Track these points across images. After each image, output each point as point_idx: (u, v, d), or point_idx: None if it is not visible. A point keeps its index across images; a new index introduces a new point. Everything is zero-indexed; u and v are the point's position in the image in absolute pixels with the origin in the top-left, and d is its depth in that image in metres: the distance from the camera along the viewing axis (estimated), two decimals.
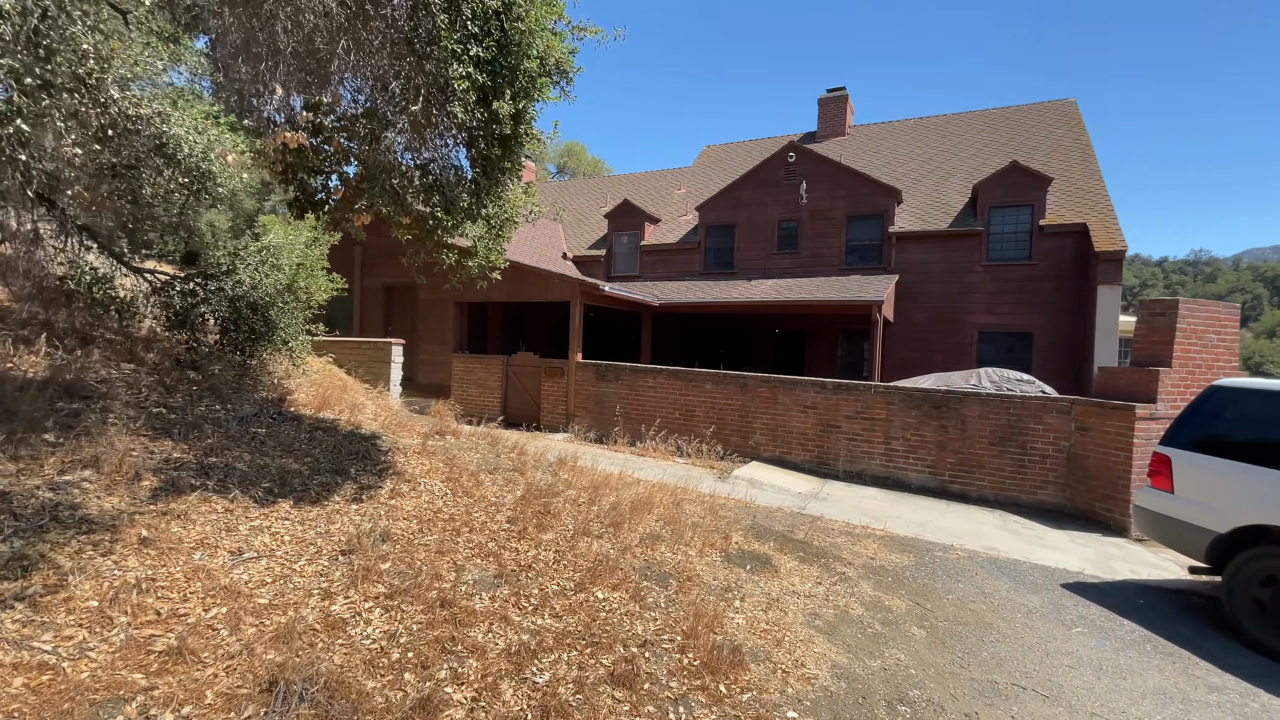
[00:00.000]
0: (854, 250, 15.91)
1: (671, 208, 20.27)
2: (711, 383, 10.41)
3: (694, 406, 10.54)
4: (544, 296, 12.18)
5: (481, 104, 4.27)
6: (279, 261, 7.43)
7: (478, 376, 12.82)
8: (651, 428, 10.71)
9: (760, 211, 16.95)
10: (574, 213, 22.19)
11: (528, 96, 4.62)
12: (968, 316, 15.09)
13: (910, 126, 20.50)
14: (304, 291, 7.82)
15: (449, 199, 4.41)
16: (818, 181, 16.26)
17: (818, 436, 9.60)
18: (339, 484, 5.24)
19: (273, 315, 7.36)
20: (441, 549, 4.44)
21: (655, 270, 18.51)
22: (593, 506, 6.10)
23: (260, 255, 7.31)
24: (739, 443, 10.15)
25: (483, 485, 6.12)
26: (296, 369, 8.34)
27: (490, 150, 4.60)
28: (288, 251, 7.90)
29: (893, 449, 9.17)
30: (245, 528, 4.17)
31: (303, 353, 8.00)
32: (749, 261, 17.08)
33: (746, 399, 10.11)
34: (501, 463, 7.16)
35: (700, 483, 8.29)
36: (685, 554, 5.18)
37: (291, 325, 7.66)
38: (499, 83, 4.28)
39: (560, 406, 11.81)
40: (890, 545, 6.40)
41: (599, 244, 19.73)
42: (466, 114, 4.13)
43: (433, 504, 5.31)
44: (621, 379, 11.24)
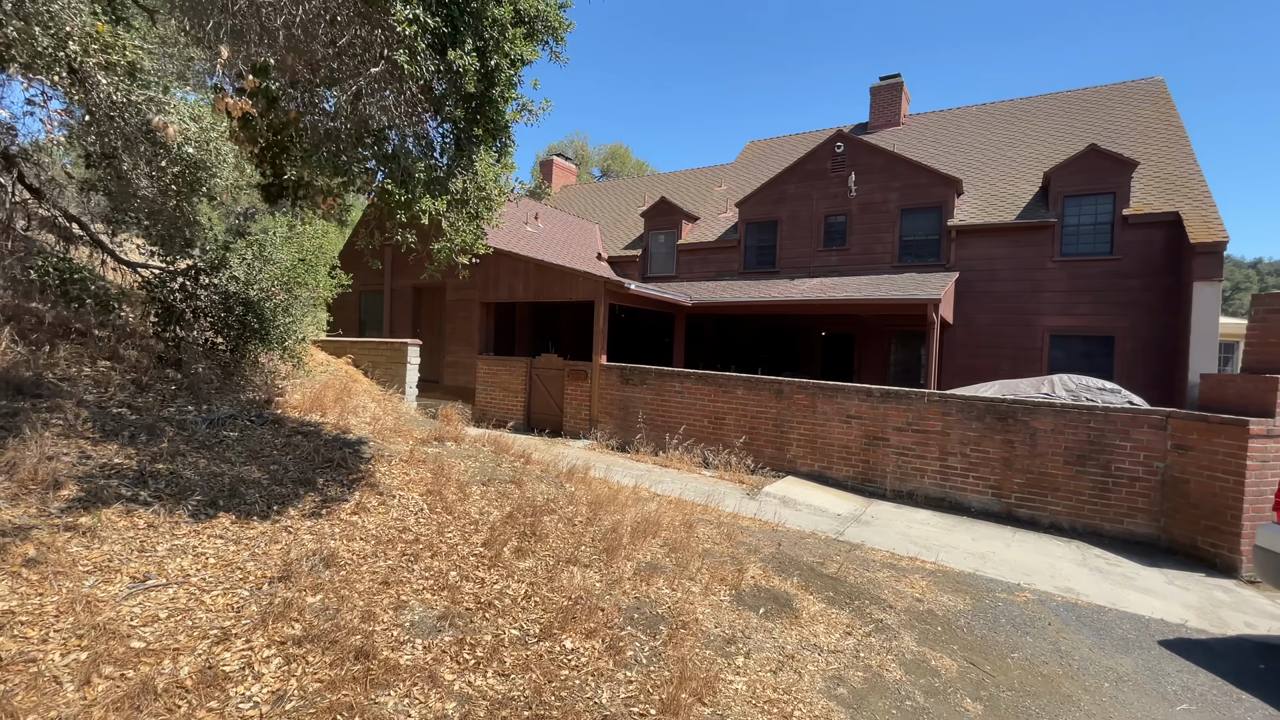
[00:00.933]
0: (908, 246, 14.63)
1: (711, 205, 19.39)
2: (743, 388, 9.51)
3: (724, 414, 9.66)
4: (569, 296, 11.56)
5: (435, 52, 3.59)
6: (273, 256, 7.05)
7: (502, 379, 12.32)
8: (677, 436, 9.89)
9: (805, 206, 15.88)
10: (611, 213, 21.60)
11: (500, 51, 3.93)
12: (1038, 318, 13.58)
13: (972, 114, 18.94)
14: (302, 288, 7.42)
15: (405, 170, 3.77)
16: (868, 172, 15.07)
17: (862, 450, 8.55)
18: (299, 496, 4.68)
19: (267, 312, 6.97)
20: (389, 579, 3.78)
21: (693, 270, 17.66)
22: (590, 527, 5.35)
23: (254, 249, 6.95)
24: (773, 455, 9.21)
25: (469, 499, 5.47)
26: (297, 368, 7.96)
27: (454, 112, 3.94)
28: (288, 246, 7.54)
29: (949, 466, 8.04)
30: (164, 547, 3.62)
31: (302, 352, 7.60)
32: (792, 260, 16.02)
33: (782, 407, 9.16)
34: (500, 473, 6.51)
35: (724, 500, 7.42)
36: (686, 591, 4.35)
37: (289, 323, 7.26)
38: (458, 30, 3.60)
39: (583, 411, 11.14)
40: (942, 583, 5.38)
41: (635, 244, 19.05)
42: (413, 64, 3.47)
43: (401, 521, 4.68)
44: (647, 383, 10.47)
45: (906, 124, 19.28)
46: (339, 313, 15.97)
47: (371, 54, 3.79)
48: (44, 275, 5.18)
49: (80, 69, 5.99)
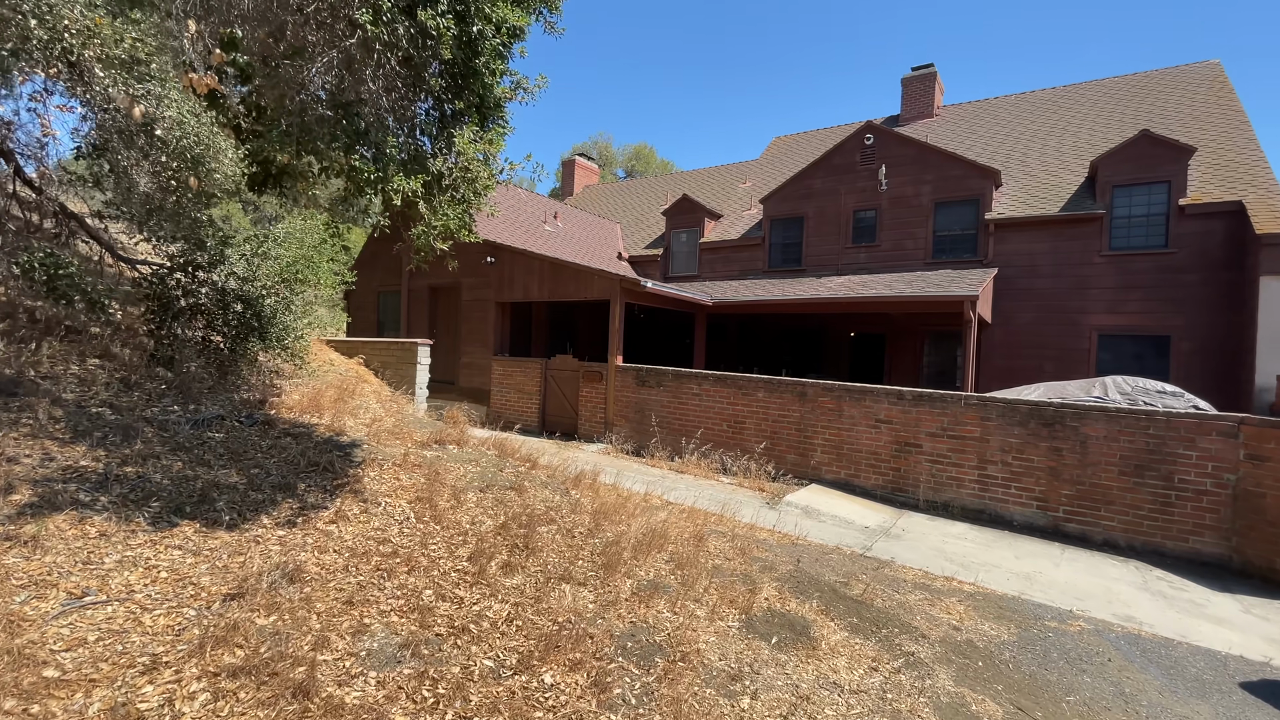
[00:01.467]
0: (943, 241, 13.88)
1: (735, 203, 18.85)
2: (764, 390, 8.99)
3: (743, 418, 9.15)
4: (584, 295, 11.19)
5: (406, 15, 3.22)
6: (271, 252, 6.81)
7: (516, 381, 12.01)
8: (695, 440, 9.42)
9: (833, 201, 15.24)
10: (633, 213, 21.22)
11: (482, 15, 3.55)
12: (1084, 317, 12.71)
13: (1011, 103, 18.03)
14: (303, 285, 7.18)
15: (377, 145, 3.42)
16: (900, 165, 14.37)
17: (892, 457, 7.96)
18: (275, 503, 4.36)
19: (266, 309, 6.75)
20: (355, 598, 3.41)
21: (715, 269, 17.14)
22: (590, 539, 4.93)
23: (252, 245, 6.72)
24: (796, 461, 8.66)
25: (462, 507, 5.10)
26: (300, 368, 7.73)
27: (433, 83, 3.57)
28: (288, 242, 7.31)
29: (988, 475, 7.40)
30: (113, 559, 3.32)
31: (303, 350, 7.36)
32: (819, 257, 15.38)
33: (805, 410, 8.61)
34: (501, 479, 6.14)
35: (741, 509, 6.93)
36: (690, 615, 3.89)
37: (289, 321, 7.03)
38: None
39: (599, 414, 10.74)
40: (983, 607, 4.81)
41: (656, 243, 18.62)
42: (378, 25, 3.10)
43: (382, 532, 4.32)
44: (663, 385, 10.02)
45: (940, 115, 18.47)
46: (357, 314, 15.91)
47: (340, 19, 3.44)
48: (28, 271, 4.99)
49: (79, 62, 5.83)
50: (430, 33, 3.31)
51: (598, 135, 50.37)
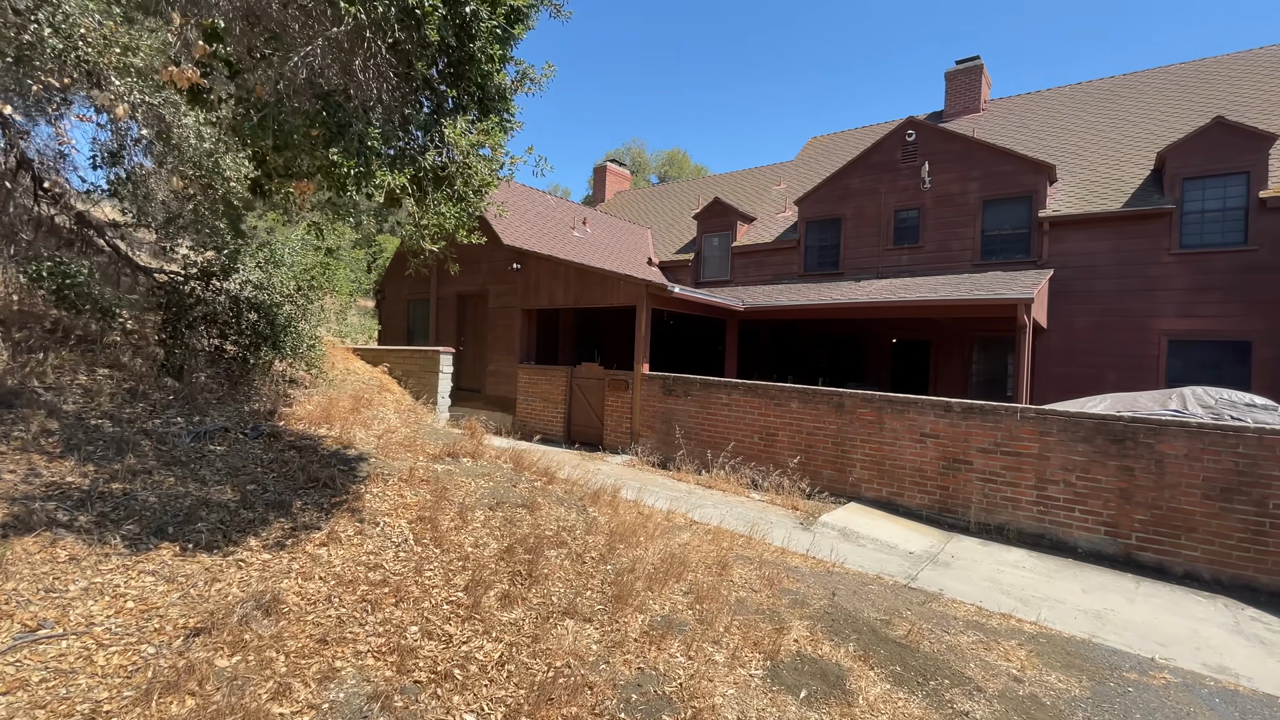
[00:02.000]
0: (992, 242, 13.05)
1: (769, 205, 18.27)
2: (798, 401, 8.45)
3: (776, 430, 8.63)
4: (609, 301, 10.85)
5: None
6: (284, 258, 6.68)
7: (542, 389, 11.74)
8: (725, 453, 8.93)
9: (872, 201, 14.55)
10: (664, 217, 20.84)
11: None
12: (1151, 321, 11.71)
13: (1065, 94, 17.00)
14: (319, 292, 7.03)
15: (359, 138, 3.12)
16: (944, 162, 13.61)
17: (939, 474, 7.32)
18: (266, 522, 4.11)
19: (280, 317, 6.60)
20: (331, 635, 3.09)
21: (748, 274, 16.60)
22: (602, 565, 4.53)
23: (265, 252, 6.60)
24: (833, 478, 8.09)
25: (467, 528, 4.78)
26: (316, 377, 7.59)
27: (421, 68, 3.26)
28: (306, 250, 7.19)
29: (1049, 496, 6.71)
30: (79, 586, 3.08)
31: (318, 359, 7.20)
32: (858, 260, 14.70)
33: (843, 422, 8.04)
34: (513, 495, 5.80)
35: (772, 531, 6.42)
36: (707, 660, 3.45)
37: (304, 329, 6.88)
38: None
39: (624, 425, 10.36)
40: (1048, 653, 4.21)
41: (687, 248, 18.19)
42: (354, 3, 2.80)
43: (375, 556, 4.02)
44: (691, 394, 9.57)
45: (988, 110, 17.55)
46: (389, 322, 15.96)
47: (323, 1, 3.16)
48: (36, 280, 4.90)
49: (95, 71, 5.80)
50: (415, 12, 2.99)
51: (631, 141, 50.40)
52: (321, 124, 3.16)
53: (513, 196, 15.07)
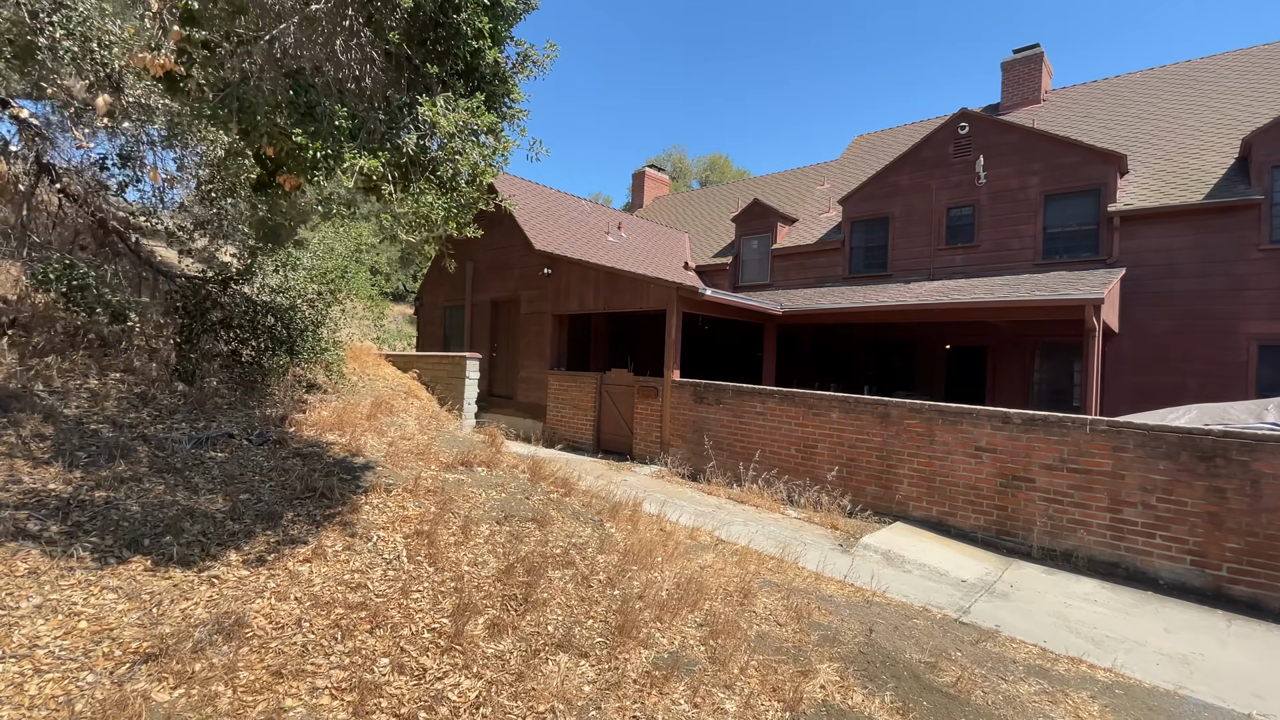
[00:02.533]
0: (1056, 239, 12.05)
1: (811, 205, 17.57)
2: (839, 410, 7.84)
3: (815, 441, 8.03)
4: (639, 305, 10.48)
5: None
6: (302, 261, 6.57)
7: (572, 396, 11.44)
8: (758, 465, 8.39)
9: (922, 199, 13.72)
10: (702, 221, 20.37)
11: None
12: (1239, 324, 10.53)
13: (1136, 81, 15.73)
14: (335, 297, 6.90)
15: (327, 118, 2.84)
16: (1001, 155, 12.70)
17: (997, 493, 6.60)
18: (251, 535, 3.87)
19: (298, 321, 6.50)
20: (288, 667, 2.78)
21: (789, 277, 15.94)
22: (610, 590, 4.13)
23: (283, 254, 6.51)
24: (877, 495, 7.44)
25: (467, 544, 4.45)
26: (336, 382, 7.46)
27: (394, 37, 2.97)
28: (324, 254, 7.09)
29: (1124, 520, 5.93)
30: (33, 602, 2.87)
31: (338, 364, 7.06)
32: (907, 261, 13.87)
33: (889, 434, 7.40)
34: (525, 508, 5.47)
35: (805, 553, 5.88)
36: (716, 708, 2.98)
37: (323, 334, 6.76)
38: None
39: (654, 434, 9.93)
40: (1125, 708, 3.55)
41: (725, 251, 17.65)
42: None
43: (361, 575, 3.72)
44: (723, 402, 9.07)
45: (1049, 101, 16.42)
46: (426, 328, 16.04)
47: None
48: (44, 282, 4.88)
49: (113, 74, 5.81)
50: None
51: (671, 148, 50.08)
52: (289, 104, 2.89)
53: (546, 202, 14.93)
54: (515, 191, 14.16)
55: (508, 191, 14.01)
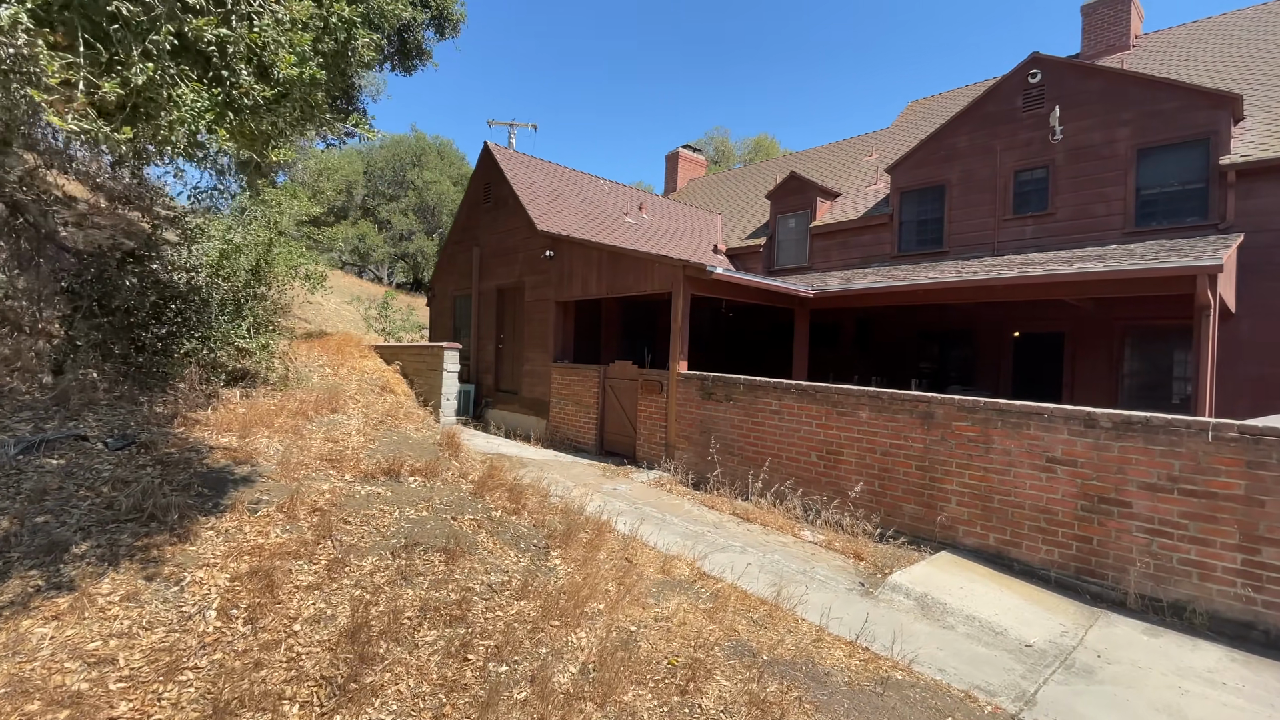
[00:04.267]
0: (1152, 203, 9.98)
1: (857, 178, 15.75)
2: (869, 408, 6.34)
3: (840, 447, 6.57)
4: (642, 288, 9.19)
5: None
6: (215, 234, 5.64)
7: (574, 391, 10.29)
8: (771, 473, 6.98)
9: (984, 162, 11.80)
10: (736, 202, 18.78)
11: None
12: None
13: (1248, 18, 13.16)
14: (255, 280, 5.95)
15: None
16: (1081, 104, 10.68)
17: (1076, 519, 4.99)
18: (6, 576, 2.86)
19: (215, 303, 5.57)
20: None
21: (830, 258, 14.24)
22: (494, 666, 2.91)
23: (185, 232, 5.59)
24: (916, 515, 5.91)
25: (327, 586, 3.33)
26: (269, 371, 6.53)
27: None
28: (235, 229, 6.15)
29: (1263, 563, 4.24)
30: None
31: (266, 354, 6.12)
32: (966, 235, 11.98)
33: (932, 439, 5.86)
34: (440, 532, 4.33)
35: (811, 594, 4.49)
36: None
37: (241, 321, 5.82)
38: None
39: (658, 434, 8.64)
40: None
41: (759, 232, 16.06)
42: None
43: (124, 639, 2.64)
44: (734, 398, 7.69)
45: (1139, 46, 14.02)
46: (438, 320, 15.27)
47: None
48: None
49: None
50: None
51: (713, 130, 47.96)
52: None
53: (557, 181, 13.81)
54: (521, 168, 13.10)
55: (512, 167, 12.98)
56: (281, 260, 6.14)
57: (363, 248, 30.83)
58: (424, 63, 11.37)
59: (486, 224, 13.25)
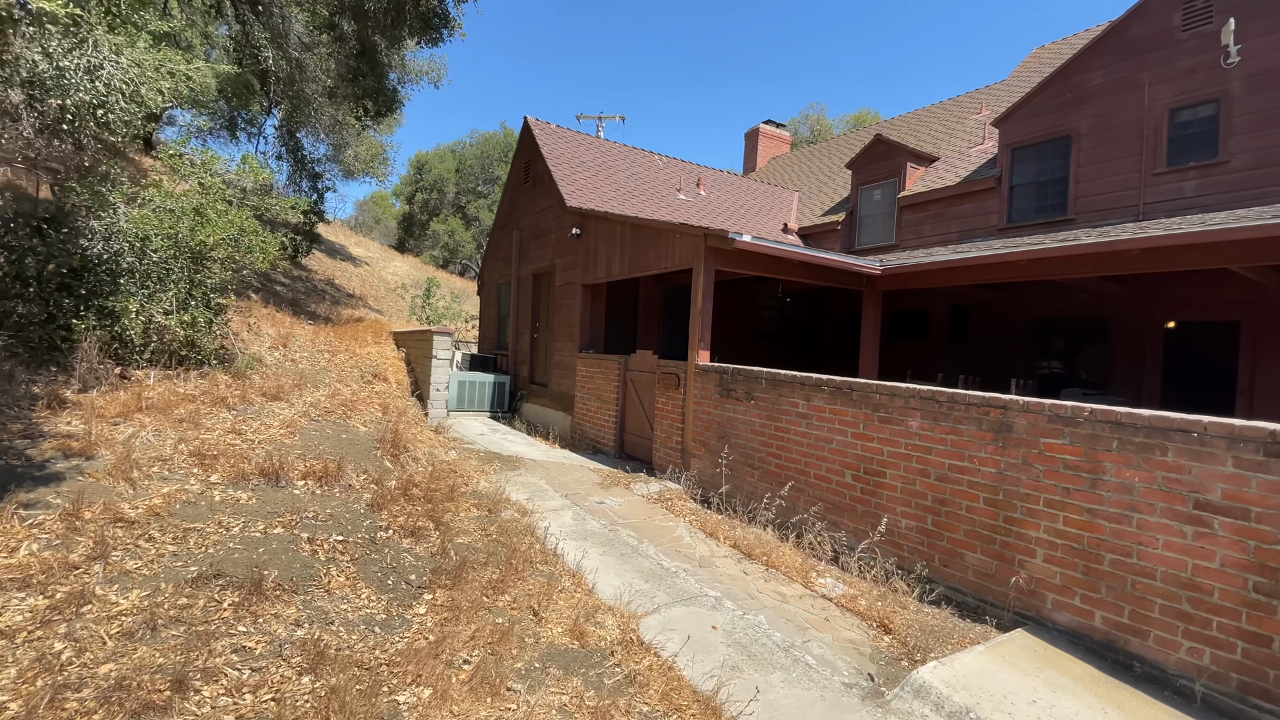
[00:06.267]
0: None
1: (961, 139, 13.22)
2: (921, 414, 4.60)
3: (881, 465, 4.86)
4: (663, 264, 7.78)
5: None
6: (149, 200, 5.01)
7: (596, 385, 9.10)
8: (795, 494, 5.38)
9: (1127, 101, 9.16)
10: (817, 178, 16.62)
11: None
12: None
13: None
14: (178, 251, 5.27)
15: None
16: (1267, 13, 7.88)
17: (1246, 604, 3.06)
18: None
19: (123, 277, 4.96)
20: None
21: (921, 232, 11.96)
22: None
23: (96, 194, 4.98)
24: (983, 570, 4.12)
25: (44, 629, 2.37)
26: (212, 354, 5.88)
27: None
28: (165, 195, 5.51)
29: None
30: None
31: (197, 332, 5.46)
32: (1100, 196, 9.39)
33: (1009, 462, 4.04)
34: (281, 558, 3.31)
35: (778, 695, 2.99)
36: None
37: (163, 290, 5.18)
38: None
39: (674, 437, 7.24)
40: None
41: (838, 208, 13.95)
42: None
43: None
44: (754, 396, 6.13)
45: None
46: (485, 308, 14.73)
47: None
48: None
49: None
50: None
51: (809, 107, 44.54)
52: None
53: (599, 156, 12.65)
54: (561, 143, 12.09)
55: (549, 141, 11.99)
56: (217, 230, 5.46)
57: (451, 243, 31.61)
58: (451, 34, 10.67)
59: (524, 205, 12.40)
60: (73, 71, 5.03)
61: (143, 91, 5.50)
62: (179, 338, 5.27)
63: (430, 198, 33.75)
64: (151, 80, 5.65)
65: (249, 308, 8.47)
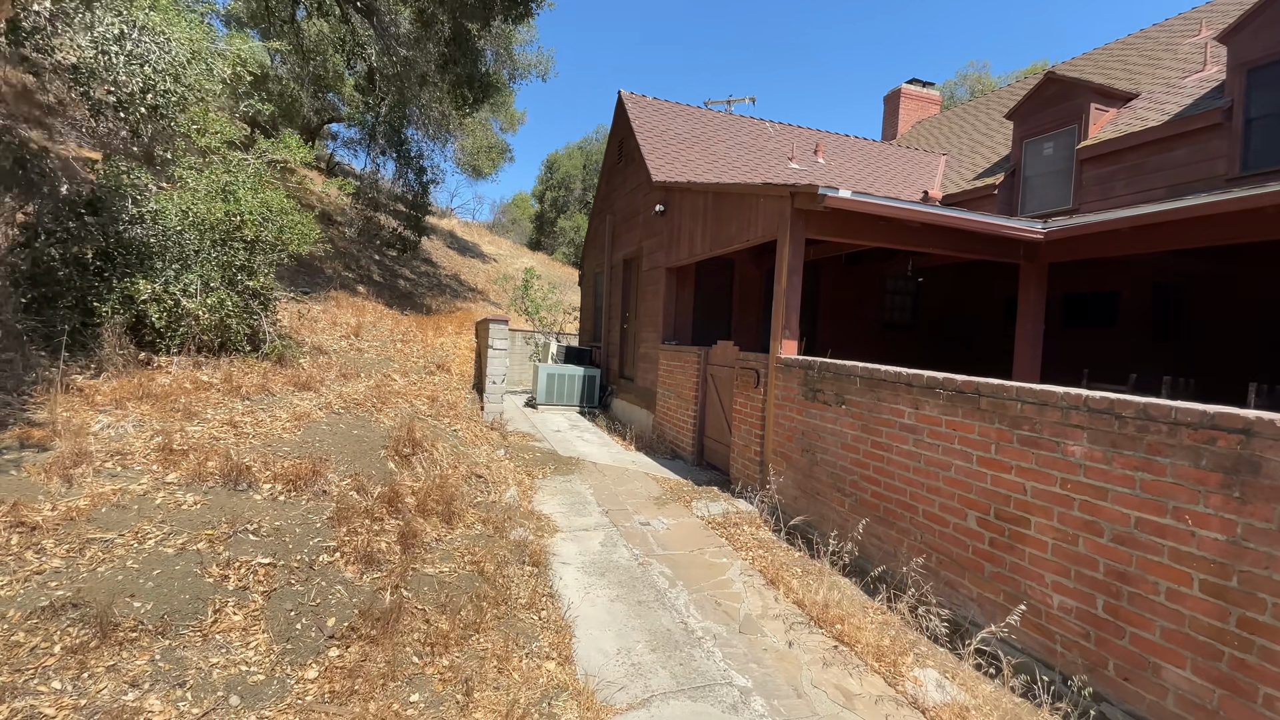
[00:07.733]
0: None
1: (1169, 68, 10.11)
2: (1089, 436, 2.95)
3: (1022, 508, 3.27)
4: (746, 236, 6.42)
5: None
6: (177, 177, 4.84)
7: (677, 380, 7.98)
8: (897, 537, 3.91)
9: None
10: (970, 138, 13.86)
11: None
12: None
13: None
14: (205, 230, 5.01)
15: None
16: None
17: None
18: None
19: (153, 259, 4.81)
20: None
21: (1112, 192, 9.24)
22: None
23: (124, 177, 4.84)
24: (1196, 697, 2.46)
25: None
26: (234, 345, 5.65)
27: None
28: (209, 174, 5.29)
29: None
30: None
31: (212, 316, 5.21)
32: None
33: (1248, 523, 2.36)
34: (172, 585, 2.75)
35: None
36: None
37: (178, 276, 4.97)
38: None
39: (753, 445, 5.93)
40: None
41: (995, 168, 11.38)
42: None
43: None
44: (846, 399, 4.65)
45: None
46: (585, 299, 14.18)
47: None
48: None
49: None
50: None
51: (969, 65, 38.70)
52: None
53: (697, 126, 11.41)
54: (654, 115, 11.05)
55: (641, 114, 10.99)
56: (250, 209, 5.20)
57: (578, 239, 31.99)
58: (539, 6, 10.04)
59: (617, 187, 11.58)
60: (116, 54, 4.95)
61: (188, 73, 5.37)
62: (204, 322, 5.10)
63: (559, 195, 34.46)
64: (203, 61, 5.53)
65: (338, 298, 8.60)
